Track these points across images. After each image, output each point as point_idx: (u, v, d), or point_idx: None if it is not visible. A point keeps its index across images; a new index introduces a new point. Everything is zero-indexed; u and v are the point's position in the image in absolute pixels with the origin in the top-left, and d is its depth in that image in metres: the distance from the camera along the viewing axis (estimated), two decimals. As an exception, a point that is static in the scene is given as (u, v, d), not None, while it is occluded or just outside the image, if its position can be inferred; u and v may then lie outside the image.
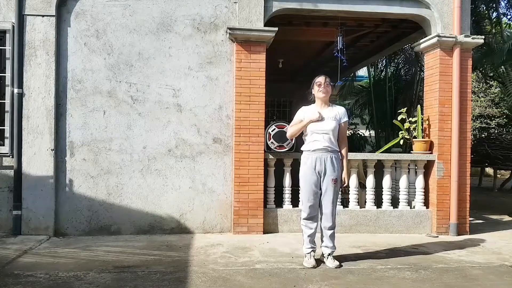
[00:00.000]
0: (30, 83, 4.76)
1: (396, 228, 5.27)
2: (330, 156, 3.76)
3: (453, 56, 5.23)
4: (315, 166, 3.75)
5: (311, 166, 3.77)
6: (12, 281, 3.26)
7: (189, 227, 5.04)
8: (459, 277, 3.58)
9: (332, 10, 5.25)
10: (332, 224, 3.81)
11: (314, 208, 3.81)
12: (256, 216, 5.01)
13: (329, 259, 3.81)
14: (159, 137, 5.00)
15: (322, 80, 3.87)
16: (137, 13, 4.99)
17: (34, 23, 4.77)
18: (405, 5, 5.31)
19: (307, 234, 3.84)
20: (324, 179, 3.76)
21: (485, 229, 5.57)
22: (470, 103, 5.38)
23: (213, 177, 5.08)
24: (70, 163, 4.87)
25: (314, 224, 3.84)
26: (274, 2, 5.08)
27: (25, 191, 4.73)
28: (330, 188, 3.75)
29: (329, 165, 3.75)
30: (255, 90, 5.04)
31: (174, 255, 4.10)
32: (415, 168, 5.49)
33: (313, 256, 3.82)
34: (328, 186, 3.75)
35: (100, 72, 4.94)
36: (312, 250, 3.84)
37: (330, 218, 3.79)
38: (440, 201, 5.24)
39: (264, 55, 5.08)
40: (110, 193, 4.91)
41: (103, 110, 4.93)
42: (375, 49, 8.16)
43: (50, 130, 4.77)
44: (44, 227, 4.75)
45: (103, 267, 3.64)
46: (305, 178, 3.80)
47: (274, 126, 5.12)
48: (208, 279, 3.39)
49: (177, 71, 5.04)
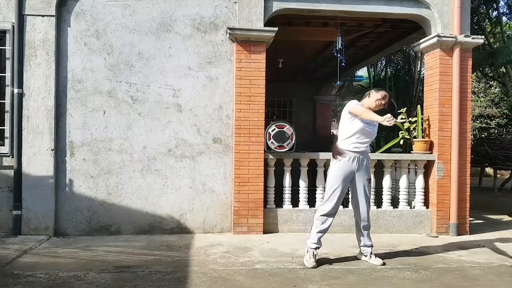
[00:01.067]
0: (30, 83, 4.76)
1: (396, 228, 5.27)
2: (365, 157, 3.86)
3: (453, 56, 5.23)
4: (352, 164, 3.79)
5: (348, 163, 3.79)
6: (12, 281, 3.26)
7: (189, 227, 5.04)
8: (459, 277, 3.58)
9: (332, 10, 5.25)
10: (369, 223, 3.95)
11: (338, 205, 3.86)
12: (256, 216, 5.01)
13: (373, 257, 3.91)
14: (159, 137, 5.00)
15: (386, 96, 3.83)
16: (137, 13, 4.98)
17: (34, 23, 4.77)
18: (405, 5, 5.30)
19: (320, 229, 3.83)
20: (358, 179, 3.83)
21: (485, 229, 5.57)
22: (470, 103, 5.38)
23: (213, 177, 5.08)
24: (70, 163, 4.87)
25: (330, 221, 3.86)
26: (274, 2, 5.08)
27: (25, 191, 4.73)
28: (365, 185, 3.85)
29: (365, 165, 3.85)
30: (255, 90, 5.04)
31: (174, 255, 4.09)
32: (415, 168, 5.49)
33: (315, 255, 3.82)
34: (363, 184, 3.84)
35: (100, 72, 4.93)
36: (317, 247, 3.85)
37: (367, 217, 3.90)
38: (440, 201, 5.24)
39: (264, 55, 5.08)
40: (110, 193, 4.91)
41: (103, 110, 4.93)
42: (375, 49, 8.16)
43: (50, 130, 4.77)
44: (44, 227, 4.75)
45: (103, 267, 3.64)
46: (340, 174, 3.79)
47: (274, 126, 5.11)
48: (208, 279, 3.39)
49: (177, 71, 5.04)
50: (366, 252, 3.96)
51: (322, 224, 3.84)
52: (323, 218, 3.83)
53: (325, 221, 3.84)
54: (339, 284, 3.34)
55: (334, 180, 3.81)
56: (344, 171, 3.79)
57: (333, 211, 3.83)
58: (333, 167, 3.85)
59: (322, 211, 3.84)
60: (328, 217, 3.84)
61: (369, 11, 5.27)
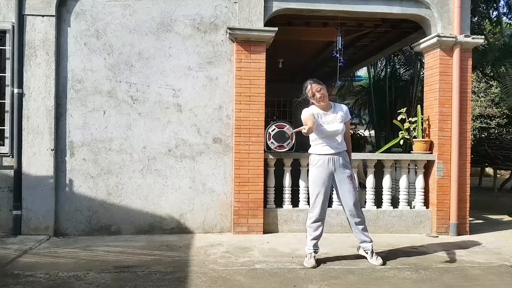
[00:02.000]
0: (30, 83, 4.76)
1: (396, 228, 5.27)
2: (341, 156, 3.80)
3: (453, 56, 5.23)
4: (328, 166, 3.76)
5: (324, 168, 3.76)
6: (12, 281, 3.26)
7: (189, 227, 5.04)
8: (459, 277, 3.58)
9: (332, 10, 5.25)
10: (360, 218, 3.86)
11: (324, 210, 3.83)
12: (256, 216, 5.01)
13: (373, 256, 3.86)
14: (159, 137, 5.00)
15: (317, 87, 3.77)
16: (137, 13, 4.98)
17: (34, 23, 4.77)
18: (405, 5, 5.30)
19: (313, 237, 3.84)
20: (338, 178, 3.79)
21: (485, 229, 5.57)
22: (470, 103, 5.38)
23: (213, 177, 5.08)
24: (70, 163, 4.87)
25: (321, 226, 3.85)
26: (274, 2, 5.08)
27: (25, 191, 4.73)
28: (347, 183, 3.79)
29: (342, 164, 3.79)
30: (255, 90, 5.04)
31: (174, 255, 4.09)
32: (415, 168, 5.49)
33: (314, 257, 3.83)
34: (345, 182, 3.79)
35: (100, 72, 4.93)
36: (314, 251, 3.85)
37: (355, 212, 3.82)
38: (440, 201, 5.24)
39: (264, 55, 5.08)
40: (110, 193, 4.91)
41: (103, 110, 4.93)
42: (375, 49, 8.17)
43: (50, 130, 4.77)
44: (44, 227, 4.75)
45: (103, 267, 3.64)
46: (318, 180, 3.77)
47: (274, 126, 5.11)
48: (208, 279, 3.39)
49: (177, 71, 5.04)
50: (367, 248, 3.93)
51: (315, 231, 3.84)
52: (314, 225, 3.83)
53: (317, 228, 3.83)
54: (339, 284, 3.34)
55: (315, 187, 3.80)
56: (322, 176, 3.76)
57: (320, 216, 3.82)
58: (311, 174, 3.84)
59: (311, 218, 3.84)
60: (318, 222, 3.83)
61: (369, 11, 5.27)
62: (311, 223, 3.84)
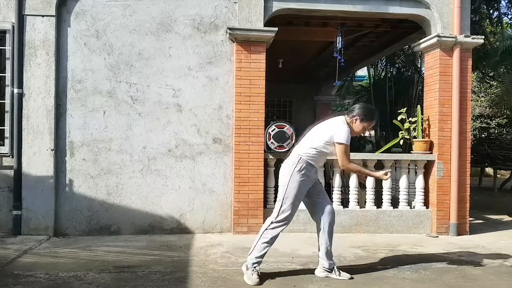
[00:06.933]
0: (30, 83, 4.76)
1: (396, 228, 5.27)
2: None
3: (453, 56, 5.23)
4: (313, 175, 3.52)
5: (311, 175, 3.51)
6: (12, 281, 3.26)
7: (189, 227, 5.04)
8: (459, 277, 3.58)
9: (332, 10, 5.25)
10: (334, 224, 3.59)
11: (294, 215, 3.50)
12: (256, 216, 5.01)
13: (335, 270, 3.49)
14: (159, 137, 5.00)
15: (371, 126, 3.58)
16: (137, 13, 4.98)
17: (34, 23, 4.77)
18: (405, 5, 5.30)
19: (273, 242, 3.40)
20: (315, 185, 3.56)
21: (485, 229, 5.57)
22: (470, 103, 5.38)
23: (213, 177, 5.08)
24: (70, 163, 4.87)
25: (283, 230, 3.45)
26: (274, 2, 5.08)
27: (25, 191, 4.73)
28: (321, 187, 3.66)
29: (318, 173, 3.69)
30: (255, 90, 5.04)
31: (174, 255, 4.09)
32: (415, 168, 5.49)
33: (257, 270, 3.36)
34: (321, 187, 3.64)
35: (100, 72, 4.93)
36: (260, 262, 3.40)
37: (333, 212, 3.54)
38: (440, 201, 5.24)
39: (264, 55, 5.08)
40: (110, 193, 4.91)
41: (103, 110, 4.93)
42: (375, 49, 8.17)
43: (50, 130, 4.77)
44: (44, 227, 4.75)
45: (103, 267, 3.64)
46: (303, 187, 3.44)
47: (274, 126, 5.11)
48: (208, 279, 3.39)
49: (177, 71, 5.04)
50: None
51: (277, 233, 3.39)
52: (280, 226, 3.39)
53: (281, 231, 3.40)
54: (339, 284, 3.34)
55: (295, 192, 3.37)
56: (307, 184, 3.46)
57: (289, 219, 3.42)
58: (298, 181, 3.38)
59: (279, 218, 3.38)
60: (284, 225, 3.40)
61: (369, 11, 5.27)
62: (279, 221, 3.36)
